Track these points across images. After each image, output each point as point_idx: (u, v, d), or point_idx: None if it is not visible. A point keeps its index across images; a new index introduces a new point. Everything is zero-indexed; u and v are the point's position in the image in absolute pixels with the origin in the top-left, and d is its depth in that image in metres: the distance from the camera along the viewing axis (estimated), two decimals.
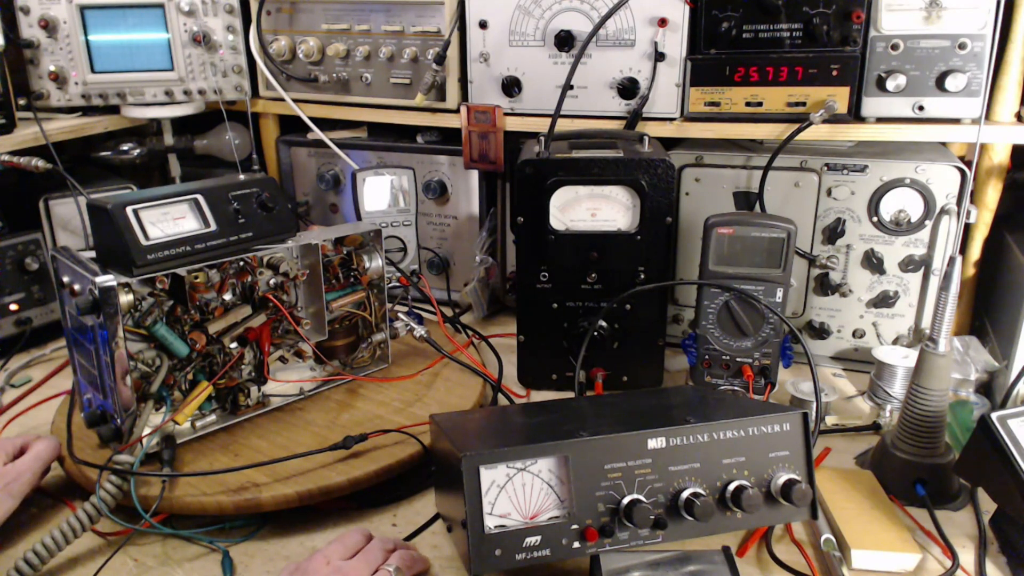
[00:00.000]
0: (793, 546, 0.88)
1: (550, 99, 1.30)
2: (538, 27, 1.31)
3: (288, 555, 0.89)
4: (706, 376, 1.16)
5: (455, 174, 1.51)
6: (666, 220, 1.14)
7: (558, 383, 1.24)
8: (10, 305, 1.36)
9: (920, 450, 0.94)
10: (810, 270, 1.28)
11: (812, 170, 1.24)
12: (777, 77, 1.21)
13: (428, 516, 0.94)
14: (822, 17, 1.16)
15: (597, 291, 1.18)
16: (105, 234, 0.95)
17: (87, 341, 0.95)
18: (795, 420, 0.81)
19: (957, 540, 0.88)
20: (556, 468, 0.76)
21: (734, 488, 0.78)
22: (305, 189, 1.65)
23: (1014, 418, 0.84)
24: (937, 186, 1.18)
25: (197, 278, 1.00)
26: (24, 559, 0.82)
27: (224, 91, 1.54)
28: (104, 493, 0.89)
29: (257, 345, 1.08)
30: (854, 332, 1.29)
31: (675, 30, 1.24)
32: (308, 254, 1.12)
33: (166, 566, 0.88)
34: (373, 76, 1.47)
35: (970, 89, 1.14)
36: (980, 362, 1.14)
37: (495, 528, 0.73)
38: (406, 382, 1.19)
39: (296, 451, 0.97)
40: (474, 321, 1.49)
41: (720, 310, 1.13)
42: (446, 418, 0.92)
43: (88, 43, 1.44)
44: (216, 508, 0.91)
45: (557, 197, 1.15)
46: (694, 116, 1.27)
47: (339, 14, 1.46)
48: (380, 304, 1.21)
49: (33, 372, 1.32)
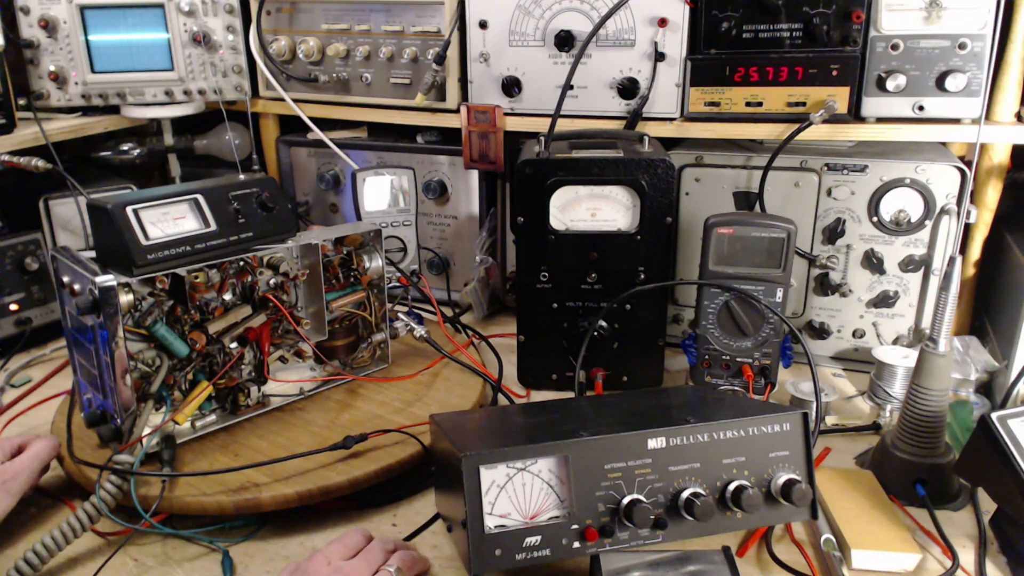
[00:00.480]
0: (793, 546, 0.88)
1: (550, 99, 1.30)
2: (538, 27, 1.31)
3: (288, 555, 0.89)
4: (706, 376, 1.16)
5: (455, 174, 1.51)
6: (666, 220, 1.14)
7: (558, 383, 1.24)
8: (10, 305, 1.36)
9: (920, 450, 0.94)
10: (810, 270, 1.28)
11: (812, 170, 1.24)
12: (777, 77, 1.21)
13: (428, 516, 0.94)
14: (822, 17, 1.16)
15: (597, 291, 1.18)
16: (105, 234, 0.95)
17: (87, 341, 0.95)
18: (795, 420, 0.81)
19: (957, 540, 0.88)
20: (556, 468, 0.76)
21: (734, 488, 0.78)
22: (305, 189, 1.65)
23: (1014, 418, 0.84)
24: (937, 186, 1.18)
25: (197, 278, 1.00)
26: (24, 559, 0.82)
27: (224, 91, 1.54)
28: (104, 493, 0.89)
29: (257, 345, 1.08)
30: (854, 332, 1.29)
31: (675, 30, 1.24)
32: (308, 254, 1.13)
33: (166, 566, 0.88)
34: (373, 76, 1.47)
35: (970, 89, 1.14)
36: (980, 362, 1.14)
37: (495, 528, 0.73)
38: (406, 382, 1.19)
39: (296, 451, 0.97)
40: (474, 321, 1.49)
41: (720, 310, 1.13)
42: (446, 418, 0.92)
43: (88, 43, 1.44)
44: (216, 508, 0.91)
45: (557, 197, 1.15)
46: (694, 116, 1.27)
47: (339, 14, 1.46)
48: (380, 304, 1.21)
49: (33, 372, 1.32)
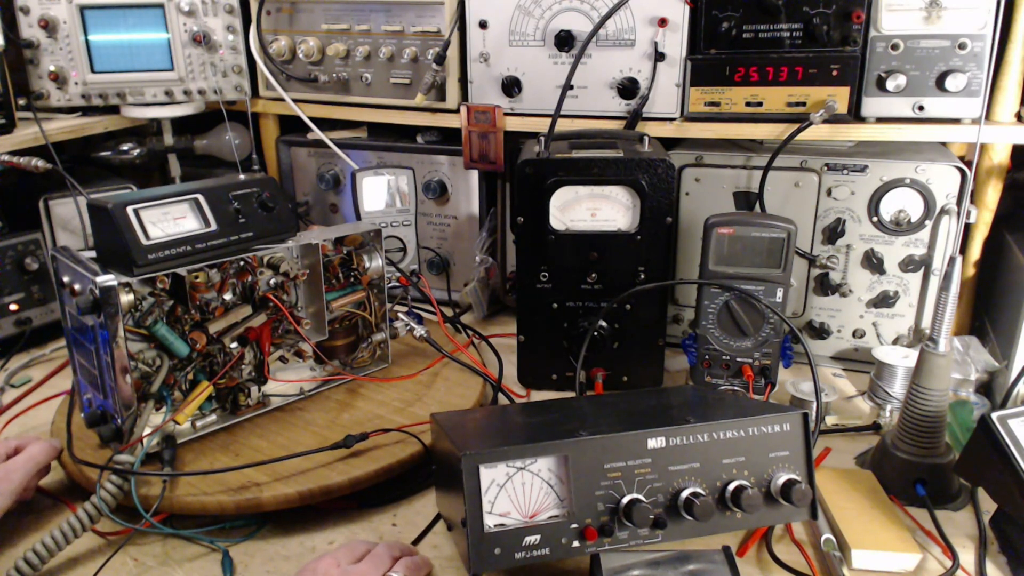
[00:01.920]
0: (793, 546, 0.88)
1: (550, 99, 1.30)
2: (538, 27, 1.31)
3: (288, 555, 0.89)
4: (706, 376, 1.16)
5: (455, 174, 1.51)
6: (666, 220, 1.14)
7: (558, 383, 1.24)
8: (10, 305, 1.36)
9: (920, 450, 0.94)
10: (810, 270, 1.28)
11: (812, 170, 1.24)
12: (777, 77, 1.21)
13: (428, 516, 0.94)
14: (822, 17, 1.16)
15: (597, 291, 1.18)
16: (105, 234, 0.95)
17: (87, 341, 0.95)
18: (795, 420, 0.81)
19: (957, 540, 0.88)
20: (556, 467, 0.76)
21: (734, 488, 0.78)
22: (305, 189, 1.65)
23: (1014, 418, 0.84)
24: (937, 186, 1.18)
25: (197, 278, 1.00)
26: (24, 559, 0.82)
27: (224, 91, 1.54)
28: (104, 493, 0.89)
29: (257, 345, 1.08)
30: (854, 332, 1.29)
31: (675, 30, 1.24)
32: (308, 254, 1.13)
33: (166, 566, 0.88)
34: (373, 76, 1.47)
35: (970, 89, 1.14)
36: (980, 362, 1.14)
37: (495, 527, 0.73)
38: (406, 382, 1.19)
39: (296, 451, 0.97)
40: (474, 321, 1.49)
41: (720, 310, 1.13)
42: (447, 417, 0.92)
43: (88, 43, 1.44)
44: (217, 508, 0.91)
45: (557, 197, 1.15)
46: (694, 116, 1.27)
47: (339, 14, 1.46)
48: (380, 304, 1.21)
49: (33, 372, 1.32)
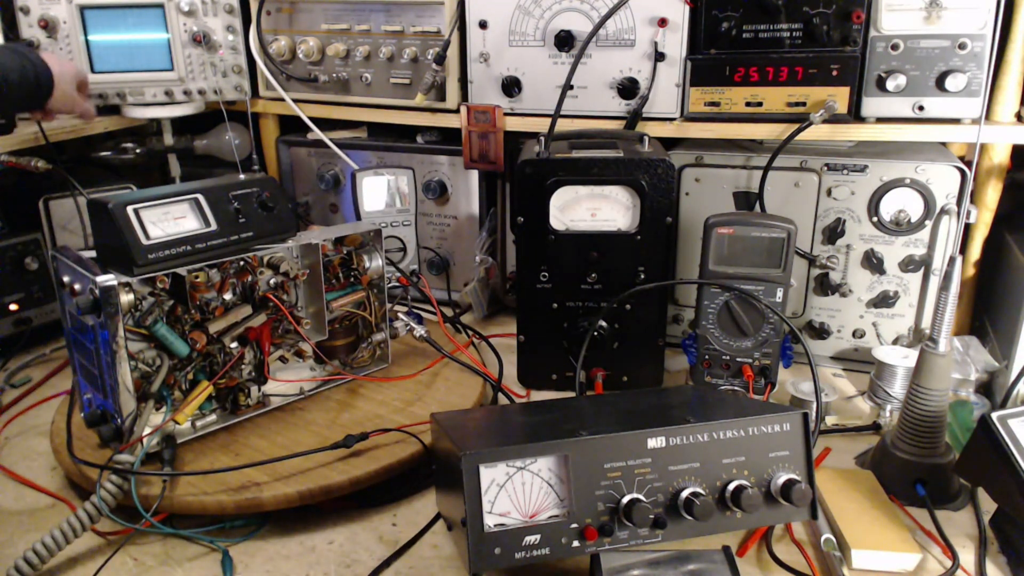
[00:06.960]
0: (793, 546, 0.88)
1: (550, 99, 1.30)
2: (538, 27, 1.31)
3: (288, 555, 0.89)
4: (706, 376, 1.16)
5: (455, 174, 1.51)
6: (666, 220, 1.14)
7: (558, 383, 1.24)
8: (10, 305, 1.36)
9: (920, 450, 0.94)
10: (810, 270, 1.28)
11: (812, 170, 1.24)
12: (777, 77, 1.21)
13: (428, 516, 0.94)
14: (822, 17, 1.16)
15: (597, 291, 1.18)
16: (106, 233, 0.95)
17: (87, 341, 0.95)
18: (795, 420, 0.81)
19: (957, 540, 0.88)
20: (556, 467, 0.76)
21: (734, 488, 0.78)
22: (305, 189, 1.65)
23: (1014, 418, 0.84)
24: (937, 186, 1.18)
25: (198, 278, 1.00)
26: (24, 559, 0.82)
27: (224, 91, 1.54)
28: (104, 493, 0.89)
29: (257, 345, 1.08)
30: (854, 332, 1.29)
31: (675, 30, 1.24)
32: (308, 254, 1.13)
33: (166, 566, 0.88)
34: (373, 76, 1.47)
35: (970, 89, 1.14)
36: (980, 362, 1.14)
37: (495, 527, 0.73)
38: (406, 382, 1.19)
39: (296, 451, 0.97)
40: (474, 321, 1.49)
41: (720, 310, 1.13)
42: (447, 417, 0.92)
43: (88, 43, 1.44)
44: (217, 507, 0.91)
45: (557, 197, 1.15)
46: (694, 116, 1.28)
47: (339, 14, 1.46)
48: (380, 304, 1.21)
49: (33, 372, 1.32)
